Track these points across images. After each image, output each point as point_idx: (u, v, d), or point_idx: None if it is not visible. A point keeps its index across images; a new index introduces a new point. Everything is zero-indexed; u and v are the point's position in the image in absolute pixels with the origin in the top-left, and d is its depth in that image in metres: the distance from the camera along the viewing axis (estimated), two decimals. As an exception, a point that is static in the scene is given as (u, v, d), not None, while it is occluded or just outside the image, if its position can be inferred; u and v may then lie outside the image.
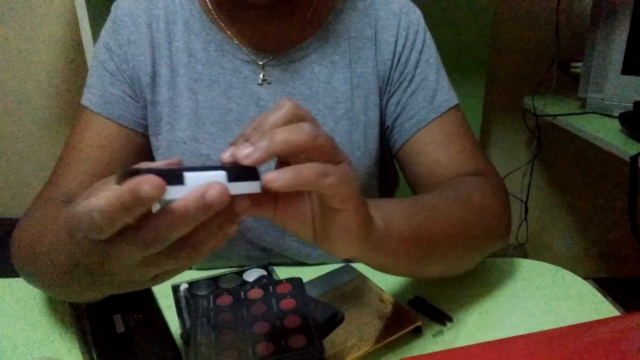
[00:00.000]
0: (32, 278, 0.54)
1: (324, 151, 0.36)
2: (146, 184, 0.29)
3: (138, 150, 0.69)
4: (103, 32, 0.69)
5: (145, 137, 0.69)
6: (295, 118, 0.37)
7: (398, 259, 0.48)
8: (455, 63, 0.73)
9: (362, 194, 0.40)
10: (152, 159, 0.70)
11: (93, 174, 0.65)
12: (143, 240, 0.32)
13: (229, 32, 0.67)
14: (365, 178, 0.70)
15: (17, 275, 0.58)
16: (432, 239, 0.51)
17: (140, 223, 0.32)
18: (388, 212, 0.47)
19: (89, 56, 1.15)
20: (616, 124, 1.22)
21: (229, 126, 0.66)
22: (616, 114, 1.23)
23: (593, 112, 1.34)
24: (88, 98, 0.67)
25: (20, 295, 0.63)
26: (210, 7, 0.68)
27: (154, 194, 0.29)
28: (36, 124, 1.64)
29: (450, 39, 0.69)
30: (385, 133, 0.72)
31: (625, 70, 1.27)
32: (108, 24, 0.69)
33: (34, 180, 1.74)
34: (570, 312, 0.58)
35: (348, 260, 0.67)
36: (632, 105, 1.17)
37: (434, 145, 0.67)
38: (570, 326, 0.52)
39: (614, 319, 0.54)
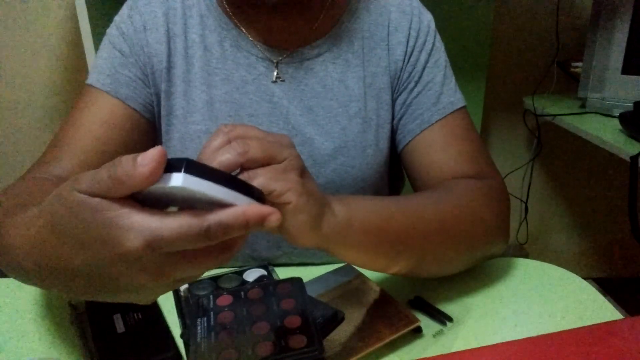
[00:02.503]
0: None
1: (258, 161, 0.40)
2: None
3: (142, 134, 0.68)
4: (117, 18, 0.69)
5: (150, 123, 0.69)
6: (232, 140, 0.40)
7: (364, 251, 0.50)
8: (455, 63, 0.73)
9: (307, 185, 0.42)
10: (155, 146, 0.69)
11: (94, 151, 0.63)
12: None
13: (243, 29, 0.68)
14: (376, 177, 0.70)
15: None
16: (403, 234, 0.52)
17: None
18: (354, 205, 0.49)
19: (89, 56, 1.15)
20: (616, 124, 1.22)
21: (243, 121, 0.67)
22: (616, 114, 1.23)
23: (593, 112, 1.34)
24: (95, 78, 0.66)
25: (20, 295, 0.63)
26: (225, 4, 0.68)
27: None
28: (35, 125, 1.64)
29: (450, 39, 0.69)
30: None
31: (625, 70, 1.27)
32: (124, 10, 0.69)
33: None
34: (570, 312, 0.58)
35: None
36: (632, 105, 1.17)
37: (434, 147, 0.67)
38: (572, 330, 0.52)
39: (617, 322, 0.54)
